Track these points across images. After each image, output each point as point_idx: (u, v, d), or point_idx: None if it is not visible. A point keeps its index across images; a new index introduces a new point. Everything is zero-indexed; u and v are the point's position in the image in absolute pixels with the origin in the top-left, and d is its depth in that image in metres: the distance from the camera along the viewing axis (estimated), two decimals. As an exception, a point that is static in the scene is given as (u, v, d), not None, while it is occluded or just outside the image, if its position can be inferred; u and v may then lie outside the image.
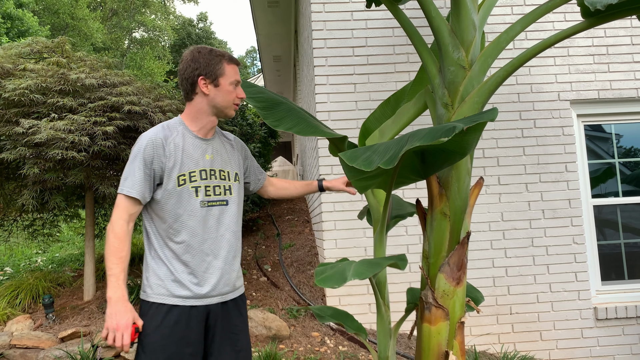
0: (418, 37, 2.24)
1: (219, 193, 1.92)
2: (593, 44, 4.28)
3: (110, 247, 1.75)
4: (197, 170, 1.87)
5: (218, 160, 1.96)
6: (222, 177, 1.95)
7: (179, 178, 1.84)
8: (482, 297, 2.55)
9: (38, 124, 3.63)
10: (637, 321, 4.07)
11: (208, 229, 1.88)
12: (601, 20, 2.02)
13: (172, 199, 1.83)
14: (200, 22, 35.69)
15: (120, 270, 1.74)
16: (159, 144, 1.83)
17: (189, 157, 1.87)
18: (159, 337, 1.78)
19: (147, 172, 1.81)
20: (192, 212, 1.84)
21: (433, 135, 1.54)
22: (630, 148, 4.44)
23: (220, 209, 1.92)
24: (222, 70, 1.89)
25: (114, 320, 1.69)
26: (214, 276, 1.88)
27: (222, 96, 1.90)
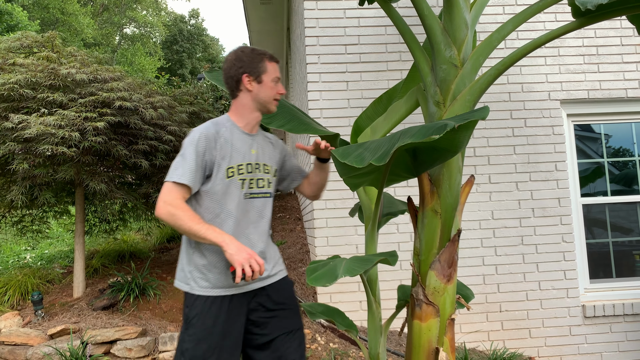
0: (410, 35, 2.25)
1: (262, 186, 2.04)
2: (583, 44, 4.31)
3: (184, 218, 1.81)
4: (244, 164, 1.99)
5: (262, 155, 2.07)
6: (265, 170, 2.07)
7: (228, 170, 1.94)
8: (472, 294, 2.57)
9: (28, 119, 3.59)
10: (625, 319, 4.12)
11: (250, 219, 1.99)
12: (591, 20, 2.04)
13: (220, 190, 1.93)
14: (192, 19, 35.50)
15: (207, 225, 1.83)
16: (211, 137, 1.94)
17: (237, 150, 1.98)
18: (202, 327, 1.87)
19: (198, 162, 1.90)
20: (237, 203, 1.95)
21: (424, 133, 1.55)
22: (619, 148, 4.49)
23: (262, 201, 2.04)
24: (265, 68, 2.00)
25: (242, 253, 1.78)
26: None
27: (265, 92, 2.00)
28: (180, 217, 1.82)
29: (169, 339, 3.56)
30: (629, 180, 4.46)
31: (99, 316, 3.86)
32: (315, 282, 1.81)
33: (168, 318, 3.98)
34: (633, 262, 4.38)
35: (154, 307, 4.09)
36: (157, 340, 3.60)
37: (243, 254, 1.78)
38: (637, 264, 4.37)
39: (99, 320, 3.79)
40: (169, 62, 32.15)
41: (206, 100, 6.54)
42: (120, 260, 5.39)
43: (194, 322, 1.89)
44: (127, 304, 4.08)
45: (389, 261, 1.99)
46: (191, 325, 1.89)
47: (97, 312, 3.94)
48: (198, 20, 35.51)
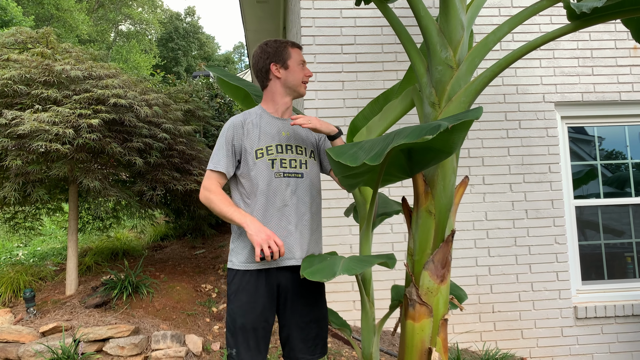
0: (406, 35, 2.25)
1: (294, 166, 2.13)
2: (578, 47, 4.34)
3: (216, 201, 2.01)
4: (273, 145, 2.10)
5: (294, 137, 2.18)
6: (298, 152, 2.16)
7: (257, 152, 2.08)
8: (465, 295, 2.58)
9: (21, 115, 3.57)
10: (616, 320, 4.15)
11: (283, 198, 2.08)
12: (586, 23, 2.05)
13: (252, 170, 2.07)
14: (187, 16, 35.41)
15: (235, 207, 2.01)
16: (239, 125, 2.11)
17: (265, 133, 2.11)
18: (238, 303, 2.04)
19: (229, 149, 2.09)
20: (269, 182, 2.06)
21: (418, 133, 1.56)
22: (612, 151, 4.52)
23: (295, 181, 2.12)
24: (289, 54, 2.14)
25: (261, 233, 1.92)
26: (288, 241, 2.07)
27: (293, 75, 2.14)
28: (213, 200, 2.03)
29: (162, 337, 3.55)
30: (621, 182, 4.49)
31: (91, 314, 3.84)
32: (312, 276, 1.79)
33: (161, 316, 3.96)
34: (625, 264, 4.41)
35: (147, 305, 4.08)
36: (150, 339, 3.59)
37: (262, 235, 1.91)
38: (629, 266, 4.40)
39: (92, 318, 3.77)
40: (165, 59, 32.05)
41: (201, 98, 6.52)
42: (114, 258, 5.37)
43: (233, 296, 2.06)
44: (120, 302, 4.06)
45: (387, 264, 1.99)
46: (232, 299, 2.06)
47: (89, 310, 3.92)
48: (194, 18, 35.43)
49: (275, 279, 2.08)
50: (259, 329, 2.05)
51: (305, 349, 2.12)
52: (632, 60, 4.37)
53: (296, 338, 2.11)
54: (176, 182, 4.29)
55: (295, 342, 2.11)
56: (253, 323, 2.03)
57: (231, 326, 2.05)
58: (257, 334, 2.04)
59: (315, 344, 2.15)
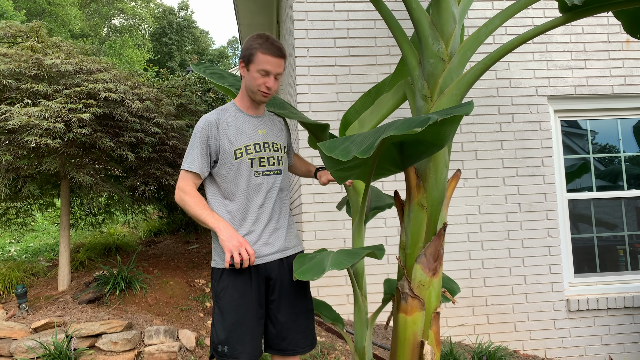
0: (398, 28, 2.24)
1: (272, 163, 2.13)
2: (571, 41, 4.34)
3: (191, 203, 2.01)
4: (251, 144, 2.09)
5: (270, 134, 2.17)
6: (275, 148, 2.16)
7: (236, 152, 2.06)
8: (458, 288, 2.58)
9: (11, 109, 3.54)
10: (608, 313, 4.18)
11: (264, 196, 2.09)
12: (578, 15, 2.05)
13: (231, 170, 2.06)
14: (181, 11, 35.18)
15: (209, 210, 2.01)
16: (213, 124, 2.07)
17: (242, 132, 2.09)
18: (229, 299, 2.03)
19: (203, 148, 2.05)
20: (249, 182, 2.06)
21: (408, 126, 1.55)
22: (605, 145, 4.53)
23: (274, 178, 2.13)
24: (254, 57, 2.04)
25: (233, 240, 1.93)
26: (273, 236, 2.10)
27: (249, 81, 2.07)
28: (188, 202, 2.02)
29: (155, 332, 3.54)
30: (614, 176, 4.51)
31: (84, 310, 3.83)
32: (302, 276, 1.80)
33: (154, 311, 3.95)
34: (617, 257, 4.43)
35: (140, 301, 4.07)
36: (143, 334, 3.58)
37: (234, 242, 1.92)
38: (621, 259, 4.43)
39: (84, 313, 3.75)
40: (158, 54, 31.86)
41: (194, 92, 6.48)
42: (107, 253, 5.35)
43: (223, 293, 2.04)
44: (112, 297, 4.05)
45: (376, 255, 1.99)
46: (222, 296, 2.05)
47: (82, 306, 3.90)
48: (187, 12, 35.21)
49: (264, 272, 2.09)
50: (254, 323, 2.05)
51: (296, 341, 2.13)
52: (625, 53, 4.38)
53: (289, 330, 2.12)
54: (168, 177, 4.27)
55: (287, 334, 2.12)
56: (247, 318, 2.03)
57: (222, 323, 2.03)
58: (252, 329, 2.04)
59: (306, 336, 2.16)
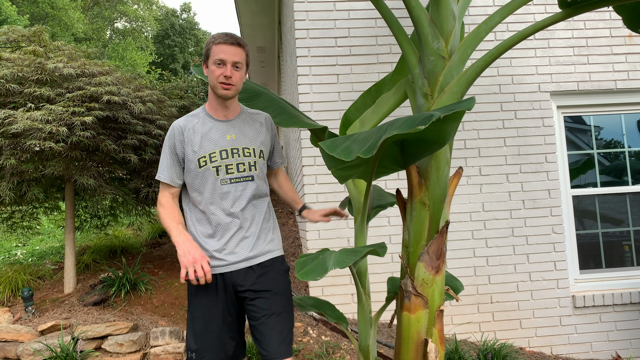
0: (398, 26, 2.24)
1: (242, 170, 2.06)
2: (573, 36, 4.32)
3: (163, 215, 2.02)
4: (217, 151, 2.02)
5: (241, 138, 2.08)
6: (246, 154, 2.07)
7: (200, 160, 2.01)
8: (461, 286, 2.58)
9: (14, 114, 3.55)
10: (614, 309, 4.16)
11: (231, 203, 2.03)
12: (578, 10, 2.04)
13: (197, 179, 2.03)
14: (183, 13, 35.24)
15: (177, 223, 2.00)
16: (178, 132, 2.04)
17: (208, 140, 2.03)
18: (197, 305, 2.03)
19: (173, 157, 2.05)
20: (215, 190, 2.01)
21: (410, 124, 1.55)
22: (610, 140, 4.51)
23: (244, 185, 2.06)
24: (210, 52, 2.01)
25: (189, 256, 1.90)
26: (239, 245, 2.04)
27: (210, 76, 2.02)
28: (161, 214, 2.04)
29: (160, 333, 3.56)
30: (618, 171, 4.49)
31: (89, 312, 3.84)
32: (306, 276, 1.79)
33: (159, 313, 3.97)
34: (622, 252, 4.41)
35: (146, 302, 4.08)
36: (149, 335, 3.59)
37: (189, 257, 1.89)
38: (627, 254, 4.41)
39: (90, 315, 3.77)
40: (161, 56, 31.94)
41: (196, 94, 6.50)
42: (112, 255, 5.37)
43: (193, 298, 2.06)
44: (118, 299, 4.06)
45: (378, 252, 1.99)
46: (192, 301, 2.06)
47: (88, 308, 3.92)
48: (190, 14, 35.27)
49: (230, 281, 2.05)
50: (221, 331, 2.04)
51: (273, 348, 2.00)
52: (628, 48, 4.36)
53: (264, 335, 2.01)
54: (172, 179, 4.27)
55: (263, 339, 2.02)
56: (214, 325, 2.03)
57: (192, 329, 2.04)
58: (219, 335, 2.04)
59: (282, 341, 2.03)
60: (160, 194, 2.08)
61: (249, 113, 2.18)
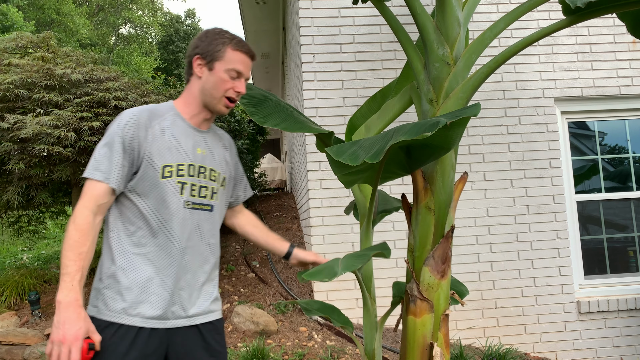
0: (404, 33, 2.26)
1: (204, 195, 1.64)
2: (577, 42, 4.34)
3: (69, 240, 1.42)
4: (185, 164, 1.59)
5: (210, 158, 1.69)
6: (212, 177, 1.67)
7: (165, 169, 1.55)
8: (466, 290, 2.59)
9: (23, 119, 3.60)
10: (619, 314, 4.15)
11: (187, 236, 1.58)
12: (581, 17, 2.06)
13: (153, 192, 1.53)
14: (188, 19, 35.45)
15: (77, 268, 1.40)
16: (142, 124, 1.55)
17: (178, 146, 1.59)
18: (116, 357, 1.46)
19: (125, 156, 1.51)
20: (173, 212, 1.55)
21: (417, 130, 1.57)
22: (614, 146, 4.52)
23: (203, 215, 1.64)
24: (222, 54, 1.61)
25: (60, 330, 1.33)
26: (185, 293, 1.58)
27: (213, 83, 1.61)
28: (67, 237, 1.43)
29: (166, 337, 3.57)
30: (623, 177, 4.49)
31: (96, 316, 3.87)
32: (312, 277, 1.80)
33: (165, 317, 3.99)
34: (627, 258, 4.41)
35: (151, 306, 4.10)
36: (155, 339, 3.61)
37: (60, 332, 1.33)
38: (632, 260, 4.41)
39: (96, 319, 3.79)
40: (166, 62, 32.10)
41: (202, 99, 6.54)
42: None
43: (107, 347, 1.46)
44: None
45: (383, 254, 2.01)
46: None
47: (94, 312, 3.95)
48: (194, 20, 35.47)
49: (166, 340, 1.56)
50: None
51: None
52: (632, 54, 4.37)
53: None
54: (178, 184, 4.31)
55: None
56: None
57: None
58: None
59: None
60: (83, 204, 1.46)
61: (215, 129, 1.78)
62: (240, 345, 3.59)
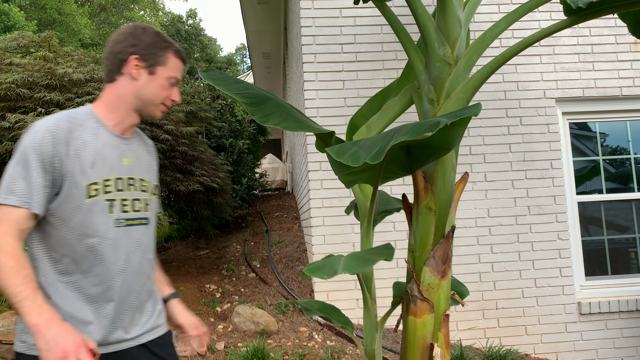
0: (405, 33, 2.26)
1: (138, 209, 1.51)
2: (578, 43, 4.34)
3: (5, 269, 1.25)
4: (112, 179, 1.44)
5: (138, 167, 1.55)
6: (142, 188, 1.54)
7: (90, 187, 1.39)
8: (467, 291, 2.59)
9: (25, 118, 3.60)
10: (620, 316, 4.15)
11: (123, 255, 1.45)
12: (583, 18, 2.06)
13: (77, 215, 1.37)
14: (189, 19, 35.49)
15: (32, 290, 1.26)
16: (62, 139, 1.37)
17: (103, 159, 1.43)
18: None
19: (46, 176, 1.34)
20: (104, 234, 1.41)
21: (418, 130, 1.57)
22: (616, 147, 4.51)
23: (141, 230, 1.51)
24: (165, 59, 1.51)
25: (56, 348, 1.21)
26: (127, 317, 1.47)
27: (154, 88, 1.50)
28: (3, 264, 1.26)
29: (167, 337, 3.57)
30: (624, 178, 4.49)
31: (96, 315, 3.87)
32: (312, 273, 1.80)
33: (166, 317, 3.99)
34: (628, 259, 4.41)
35: (152, 306, 4.10)
36: (155, 339, 3.61)
37: (57, 351, 1.21)
38: (633, 261, 4.40)
39: (97, 319, 3.79)
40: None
41: (203, 99, 6.55)
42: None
43: None
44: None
45: (387, 257, 2.01)
46: None
47: (94, 311, 3.95)
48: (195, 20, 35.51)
49: None
50: None
51: None
52: (633, 55, 4.37)
53: None
54: (179, 183, 4.31)
55: None
56: None
57: None
58: None
59: None
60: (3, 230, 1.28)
61: (138, 133, 1.64)
62: (241, 345, 3.59)
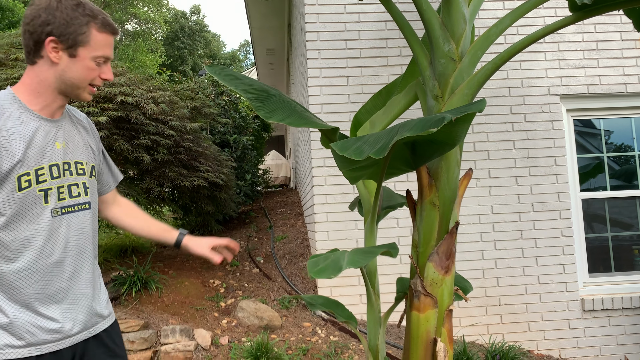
0: (409, 29, 2.26)
1: (77, 194, 1.43)
2: (583, 39, 4.33)
3: None
4: (45, 166, 1.36)
5: (71, 149, 1.45)
6: (79, 171, 1.45)
7: (21, 179, 1.31)
8: (470, 286, 2.59)
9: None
10: (623, 312, 4.15)
11: (64, 245, 1.39)
12: (588, 14, 2.06)
13: (9, 208, 1.31)
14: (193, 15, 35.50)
15: None
16: None
17: (33, 147, 1.34)
18: None
19: None
20: (40, 226, 1.34)
21: (422, 126, 1.57)
22: (620, 144, 4.50)
23: (80, 216, 1.44)
24: (87, 37, 1.35)
25: None
26: (78, 307, 1.43)
27: (78, 72, 1.37)
28: None
29: (171, 331, 3.60)
30: (629, 175, 4.48)
31: (101, 309, 3.90)
32: (319, 274, 1.81)
33: (170, 311, 4.01)
34: (632, 256, 4.40)
35: (156, 301, 4.13)
36: (159, 333, 3.64)
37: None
38: (636, 259, 4.40)
39: (102, 313, 3.82)
40: (171, 58, 32.19)
41: (207, 95, 6.56)
42: (123, 254, 5.43)
43: None
44: (129, 297, 4.11)
45: (390, 253, 2.02)
46: None
47: (99, 306, 3.98)
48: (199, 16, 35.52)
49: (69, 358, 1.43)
50: None
51: None
52: (638, 51, 4.35)
53: None
54: (183, 179, 4.34)
55: None
56: None
57: None
58: None
59: None
60: None
61: (68, 111, 1.52)
62: (245, 339, 3.61)
